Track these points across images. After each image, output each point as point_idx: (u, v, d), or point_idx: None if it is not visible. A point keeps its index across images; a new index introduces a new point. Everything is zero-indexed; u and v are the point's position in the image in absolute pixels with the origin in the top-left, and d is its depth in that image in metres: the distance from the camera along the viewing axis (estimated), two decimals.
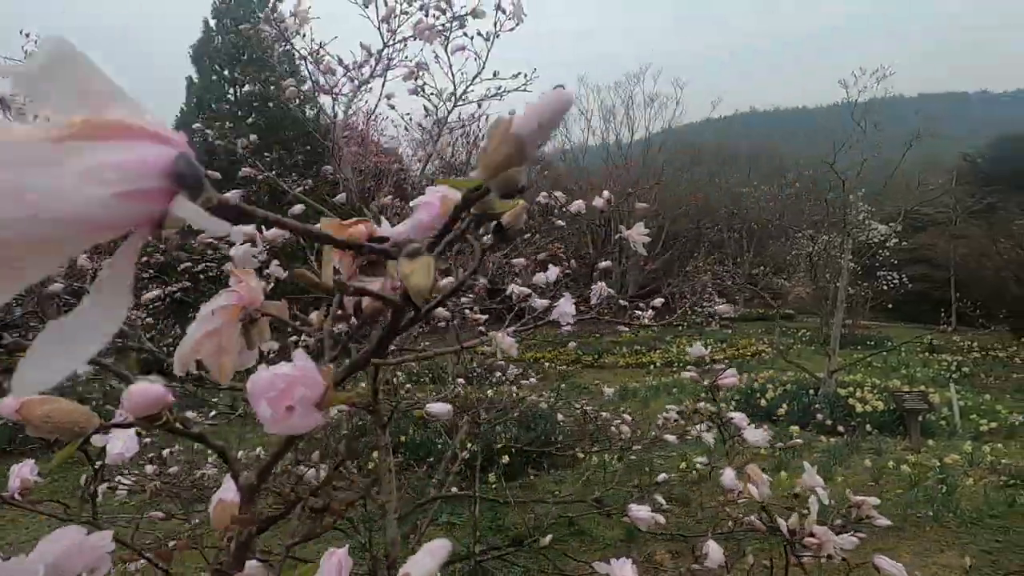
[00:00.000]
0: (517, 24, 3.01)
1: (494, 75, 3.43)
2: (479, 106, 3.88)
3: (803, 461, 2.07)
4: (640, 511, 1.91)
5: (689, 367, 2.88)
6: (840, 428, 8.30)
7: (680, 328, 21.86)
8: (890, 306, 24.92)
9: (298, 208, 2.35)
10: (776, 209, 21.09)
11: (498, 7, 2.97)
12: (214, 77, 17.47)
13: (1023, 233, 21.52)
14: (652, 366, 15.56)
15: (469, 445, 4.02)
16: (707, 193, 23.35)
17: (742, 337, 19.53)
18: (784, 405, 9.22)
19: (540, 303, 1.82)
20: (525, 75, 3.55)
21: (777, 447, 7.70)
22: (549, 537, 3.52)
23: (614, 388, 9.49)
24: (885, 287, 23.89)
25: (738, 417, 1.99)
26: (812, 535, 1.56)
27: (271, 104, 18.31)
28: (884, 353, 16.06)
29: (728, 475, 1.76)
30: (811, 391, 9.82)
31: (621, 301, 2.48)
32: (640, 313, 2.48)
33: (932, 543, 5.15)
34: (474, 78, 3.37)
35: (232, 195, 0.30)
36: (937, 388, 10.75)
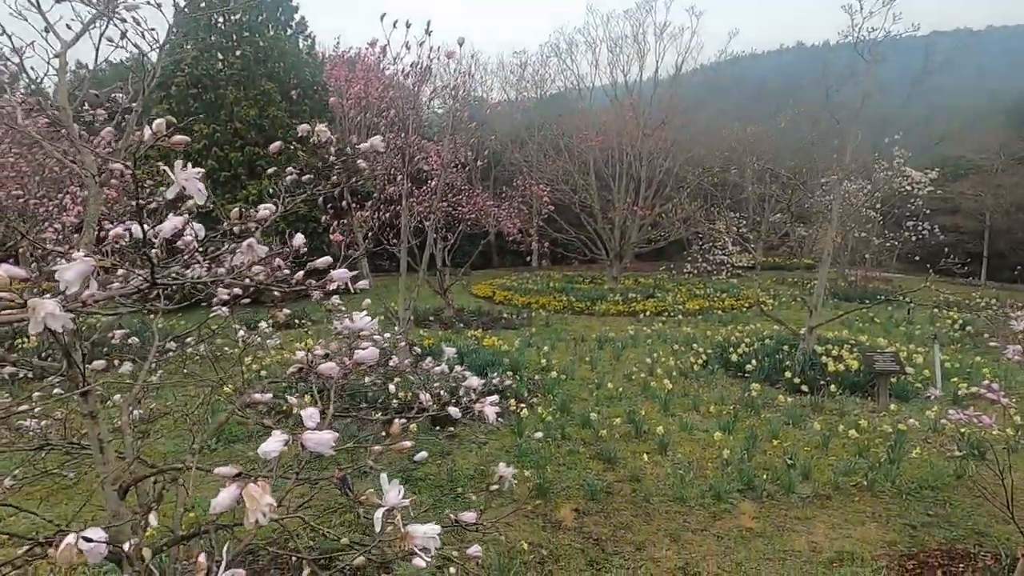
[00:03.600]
0: None
1: None
2: None
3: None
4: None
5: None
6: (804, 388, 7.91)
7: (685, 276, 21.29)
8: (916, 258, 23.63)
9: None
10: (796, 154, 19.77)
11: None
12: (203, 3, 16.75)
13: None
14: (643, 314, 15.19)
15: None
16: (722, 135, 21.95)
17: (748, 287, 18.84)
18: (754, 360, 8.83)
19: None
20: None
21: (731, 406, 7.43)
22: None
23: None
24: (913, 238, 22.53)
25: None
26: None
27: (259, 36, 17.61)
28: (889, 308, 15.30)
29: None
30: (787, 347, 9.38)
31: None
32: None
33: (856, 514, 4.87)
34: None
35: None
36: (932, 347, 10.16)
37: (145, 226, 1.53)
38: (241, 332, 4.11)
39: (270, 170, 2.80)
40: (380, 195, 9.38)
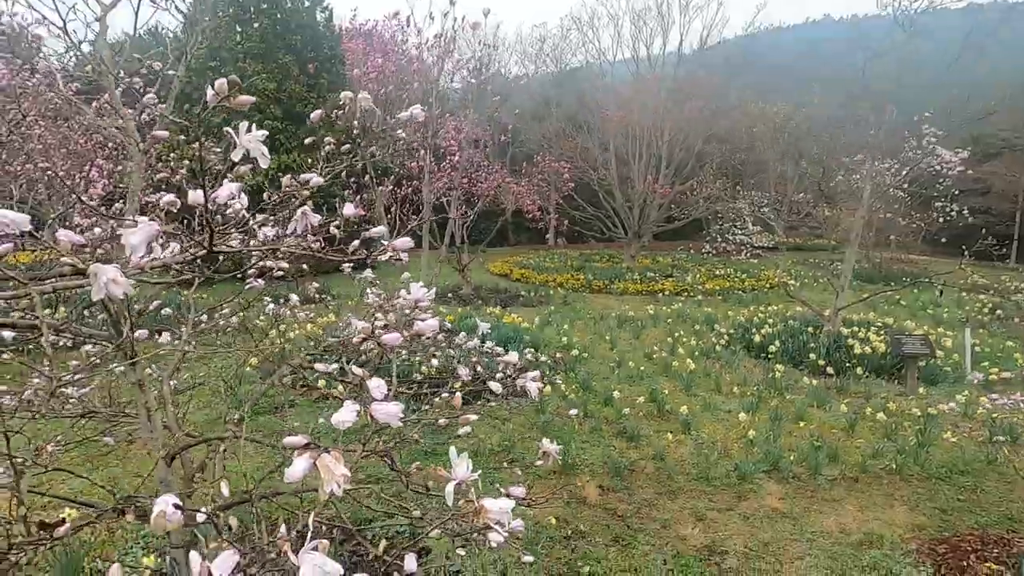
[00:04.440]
0: None
1: None
2: None
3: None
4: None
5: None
6: (830, 370, 7.81)
7: (704, 256, 21.02)
8: (943, 240, 23.07)
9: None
10: (825, 132, 19.22)
11: None
12: None
13: None
14: (662, 294, 15.07)
15: None
16: (746, 112, 21.38)
17: (769, 268, 18.56)
18: (777, 342, 8.72)
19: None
20: None
21: (754, 387, 7.37)
22: None
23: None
24: (941, 219, 21.97)
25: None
26: None
27: (276, 8, 17.42)
28: (915, 291, 14.98)
29: None
30: (812, 328, 9.24)
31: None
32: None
33: (884, 498, 4.82)
34: None
35: None
36: (962, 331, 9.95)
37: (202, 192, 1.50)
38: (271, 305, 4.13)
39: (307, 140, 2.76)
40: (401, 170, 9.32)
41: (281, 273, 2.81)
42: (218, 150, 5.06)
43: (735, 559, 3.94)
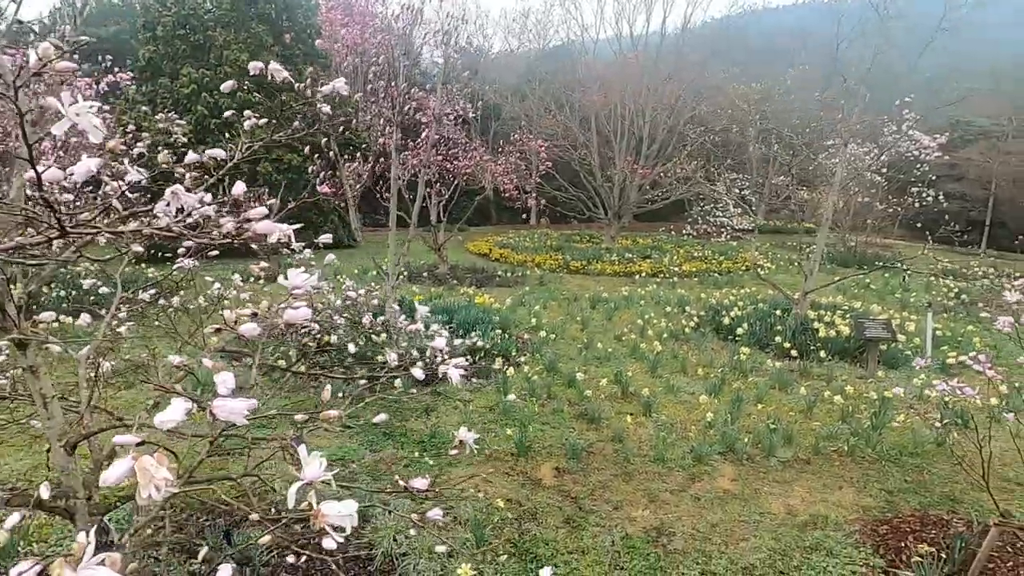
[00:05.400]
0: None
1: None
2: None
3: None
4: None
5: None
6: (795, 352, 7.90)
7: (685, 238, 21.06)
8: (918, 225, 23.39)
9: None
10: (801, 115, 19.23)
11: None
12: None
13: None
14: (639, 275, 15.10)
15: None
16: (727, 93, 21.27)
17: (746, 250, 18.67)
18: (745, 324, 8.79)
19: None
20: None
21: (719, 369, 7.42)
22: None
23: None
24: (917, 204, 22.24)
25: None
26: None
27: None
28: (886, 275, 15.21)
29: None
30: (780, 311, 9.33)
31: None
32: None
33: (834, 479, 4.91)
34: None
35: None
36: (925, 315, 10.11)
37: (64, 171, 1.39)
38: (217, 285, 4.01)
39: (229, 115, 2.64)
40: (373, 147, 9.09)
41: (216, 252, 2.71)
42: (182, 122, 4.83)
43: (682, 540, 3.99)
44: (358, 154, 9.17)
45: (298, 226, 1.40)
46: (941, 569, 3.46)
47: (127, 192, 1.41)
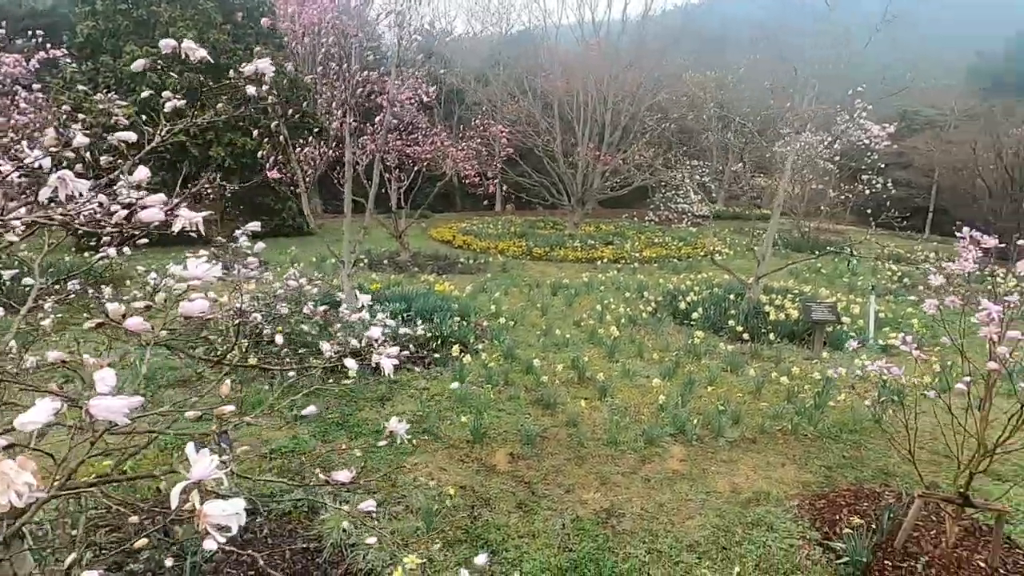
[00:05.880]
0: None
1: None
2: None
3: None
4: None
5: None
6: (746, 335, 8.14)
7: (647, 224, 21.37)
8: (868, 211, 24.31)
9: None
10: (754, 103, 19.65)
11: None
12: None
13: (1012, 142, 20.45)
14: (600, 261, 15.25)
15: None
16: (684, 81, 21.52)
17: (706, 236, 19.07)
18: (701, 309, 9.00)
19: None
20: None
21: (674, 353, 7.58)
22: None
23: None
24: (867, 192, 23.10)
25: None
26: None
27: None
28: (835, 260, 15.79)
29: None
30: (734, 296, 9.58)
31: None
32: None
33: (777, 457, 5.10)
34: None
35: None
36: (868, 298, 10.55)
37: None
38: (152, 275, 3.85)
39: (144, 94, 2.52)
40: (329, 131, 8.85)
41: (146, 240, 2.58)
42: (123, 103, 4.59)
43: (630, 521, 4.08)
44: (311, 138, 8.91)
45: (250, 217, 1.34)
46: (870, 539, 3.65)
47: (15, 176, 1.32)
